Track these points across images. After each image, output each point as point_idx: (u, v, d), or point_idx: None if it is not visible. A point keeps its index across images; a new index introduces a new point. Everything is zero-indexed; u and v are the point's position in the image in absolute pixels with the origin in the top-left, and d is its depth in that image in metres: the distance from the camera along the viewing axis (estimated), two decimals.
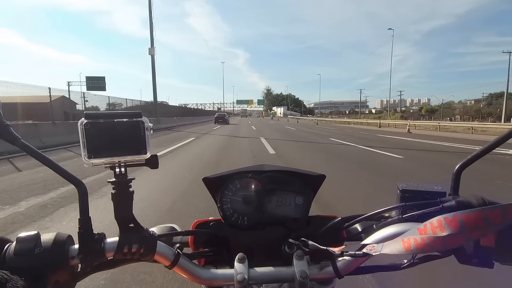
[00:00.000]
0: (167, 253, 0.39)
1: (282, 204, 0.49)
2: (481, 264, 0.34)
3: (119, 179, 0.36)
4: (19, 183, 4.02)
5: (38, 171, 4.67)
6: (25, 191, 3.57)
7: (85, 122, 0.34)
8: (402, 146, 9.07)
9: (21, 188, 3.73)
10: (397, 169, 5.27)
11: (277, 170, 0.51)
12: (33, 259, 0.32)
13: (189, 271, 0.40)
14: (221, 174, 0.50)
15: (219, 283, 0.41)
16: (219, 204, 0.49)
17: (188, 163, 5.92)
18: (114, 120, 0.35)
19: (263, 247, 0.47)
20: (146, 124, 0.36)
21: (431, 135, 14.52)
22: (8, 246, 0.33)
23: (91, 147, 0.34)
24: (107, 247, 0.36)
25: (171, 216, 2.76)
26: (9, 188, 3.76)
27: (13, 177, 4.46)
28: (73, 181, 0.35)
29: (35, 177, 4.30)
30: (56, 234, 0.35)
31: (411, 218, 0.39)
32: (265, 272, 0.40)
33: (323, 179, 0.50)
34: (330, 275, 0.40)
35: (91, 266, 0.36)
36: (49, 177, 4.17)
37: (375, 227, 0.43)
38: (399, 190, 0.43)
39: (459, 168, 0.39)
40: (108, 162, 0.35)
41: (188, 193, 3.50)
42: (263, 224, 0.48)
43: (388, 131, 19.23)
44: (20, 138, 0.33)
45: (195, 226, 0.48)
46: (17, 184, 3.97)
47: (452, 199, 0.38)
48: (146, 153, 0.36)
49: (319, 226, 0.47)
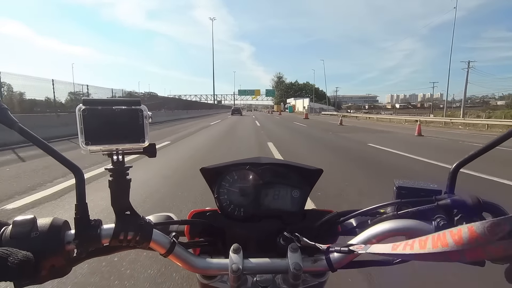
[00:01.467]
0: (162, 241, 0.39)
1: (279, 197, 0.49)
2: (472, 262, 0.34)
3: (117, 166, 0.36)
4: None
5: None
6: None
7: (83, 108, 0.34)
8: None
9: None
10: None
11: (274, 163, 0.51)
12: (29, 243, 0.32)
13: (184, 259, 0.40)
14: (218, 165, 0.50)
15: (214, 272, 0.41)
16: (216, 194, 0.49)
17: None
18: (112, 107, 0.35)
19: (258, 239, 0.47)
20: (145, 112, 0.36)
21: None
22: (5, 229, 0.34)
23: (88, 134, 0.34)
24: (103, 233, 0.37)
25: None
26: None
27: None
28: (70, 167, 0.35)
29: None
30: (52, 218, 0.35)
31: (406, 215, 0.39)
32: (259, 263, 0.40)
33: (320, 174, 0.50)
34: (324, 268, 0.40)
35: (87, 252, 0.36)
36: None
37: (369, 223, 0.43)
38: (395, 187, 0.44)
39: (456, 167, 0.39)
40: (106, 150, 0.36)
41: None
42: (259, 216, 0.48)
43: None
44: (18, 122, 0.33)
45: (192, 216, 0.48)
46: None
47: (447, 197, 0.38)
48: (145, 141, 0.36)
49: (315, 220, 0.47)
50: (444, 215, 0.37)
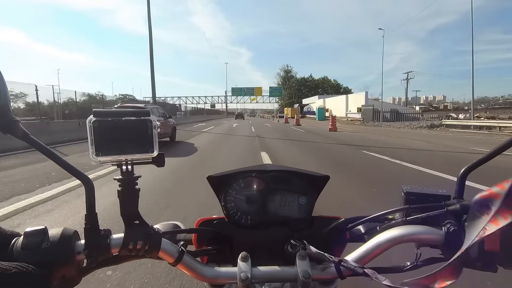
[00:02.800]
0: (171, 250, 0.39)
1: (286, 204, 0.49)
2: (485, 268, 0.34)
3: (126, 176, 0.37)
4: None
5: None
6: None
7: (93, 120, 0.34)
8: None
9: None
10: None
11: (281, 170, 0.51)
12: (40, 254, 0.32)
13: (192, 268, 0.40)
14: (225, 173, 0.50)
15: (222, 281, 0.41)
16: (223, 202, 0.49)
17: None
18: (122, 118, 0.35)
19: (266, 247, 0.47)
20: (153, 123, 0.36)
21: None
22: (16, 240, 0.34)
23: (99, 145, 0.34)
24: (113, 243, 0.37)
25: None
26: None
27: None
28: (80, 178, 0.36)
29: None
30: (63, 229, 0.35)
31: (415, 221, 0.39)
32: (268, 271, 0.40)
33: (327, 180, 0.50)
34: (333, 275, 0.40)
35: (97, 262, 0.36)
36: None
37: (378, 229, 0.43)
38: (403, 193, 0.43)
39: (464, 172, 0.39)
40: (115, 160, 0.36)
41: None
42: (266, 223, 0.48)
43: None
44: (29, 134, 0.33)
45: (199, 224, 0.48)
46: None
47: (456, 202, 0.38)
48: (154, 151, 0.36)
49: (322, 227, 0.47)
50: (454, 220, 0.37)
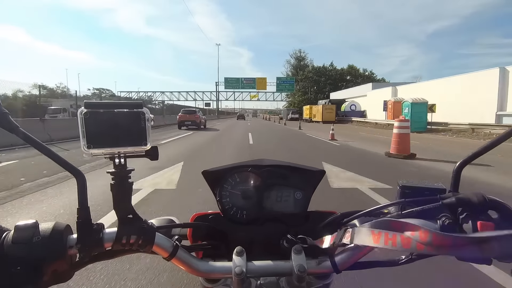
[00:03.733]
0: (165, 244, 0.39)
1: (281, 199, 0.49)
2: (479, 260, 0.34)
3: (119, 170, 0.36)
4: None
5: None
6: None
7: (84, 111, 0.33)
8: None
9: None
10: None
11: (277, 165, 0.50)
12: (31, 248, 0.32)
13: (187, 263, 0.40)
14: (220, 168, 0.50)
15: (217, 275, 0.41)
16: (218, 197, 0.49)
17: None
18: (114, 110, 0.35)
19: (261, 242, 0.47)
20: (147, 115, 0.36)
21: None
22: (6, 234, 0.33)
23: (90, 137, 0.34)
24: (106, 237, 0.36)
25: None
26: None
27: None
28: (72, 171, 0.35)
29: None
30: (54, 223, 0.35)
31: (410, 214, 0.39)
32: (263, 265, 0.40)
33: (323, 175, 0.50)
34: (328, 269, 0.39)
35: (89, 256, 0.36)
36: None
37: None
38: (399, 187, 0.43)
39: (460, 165, 0.39)
40: (108, 153, 0.35)
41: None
42: (262, 219, 0.48)
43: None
44: (19, 127, 0.33)
45: (194, 219, 0.48)
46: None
47: (452, 195, 0.38)
48: (147, 144, 0.36)
49: (318, 222, 0.47)
50: (449, 213, 0.36)
